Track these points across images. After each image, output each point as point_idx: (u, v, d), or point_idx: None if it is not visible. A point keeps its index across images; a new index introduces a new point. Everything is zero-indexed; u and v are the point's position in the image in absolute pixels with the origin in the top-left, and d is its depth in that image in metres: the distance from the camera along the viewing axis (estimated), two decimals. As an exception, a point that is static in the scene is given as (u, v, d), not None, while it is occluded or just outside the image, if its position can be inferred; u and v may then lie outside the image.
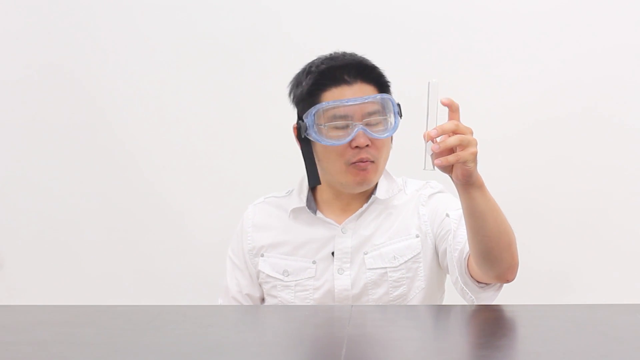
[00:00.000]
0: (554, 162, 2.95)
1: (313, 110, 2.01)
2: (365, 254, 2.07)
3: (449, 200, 2.08)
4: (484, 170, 1.75)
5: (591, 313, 1.71)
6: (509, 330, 1.55)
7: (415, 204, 2.10)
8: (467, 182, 1.73)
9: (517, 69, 2.95)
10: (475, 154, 1.70)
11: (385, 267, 2.07)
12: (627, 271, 2.95)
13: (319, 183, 2.08)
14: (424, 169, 1.71)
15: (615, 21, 2.93)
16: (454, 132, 1.69)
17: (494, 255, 1.79)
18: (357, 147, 2.01)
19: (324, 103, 2.00)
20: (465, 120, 3.15)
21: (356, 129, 1.99)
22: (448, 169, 1.73)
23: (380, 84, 2.06)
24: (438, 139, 1.69)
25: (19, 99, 3.06)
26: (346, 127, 2.00)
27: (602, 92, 2.94)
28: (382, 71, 2.08)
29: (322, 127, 2.01)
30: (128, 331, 1.56)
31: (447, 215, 2.01)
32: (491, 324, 1.61)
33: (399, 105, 2.05)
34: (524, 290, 2.93)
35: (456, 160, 1.69)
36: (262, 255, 2.13)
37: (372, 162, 2.03)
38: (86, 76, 3.03)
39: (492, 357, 1.35)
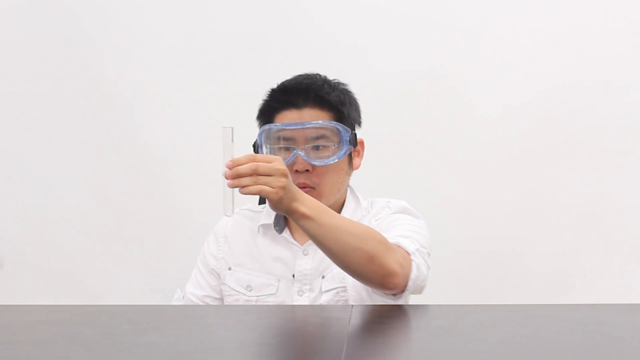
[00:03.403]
0: (553, 161, 2.95)
1: (261, 130, 2.06)
2: (323, 277, 2.07)
3: (395, 220, 2.03)
4: (483, 170, 1.74)
5: (591, 313, 1.71)
6: (509, 330, 1.55)
7: (368, 220, 2.09)
8: (287, 213, 1.73)
9: (517, 70, 2.95)
10: (282, 186, 1.69)
11: (337, 287, 2.06)
12: (627, 271, 2.95)
13: (264, 202, 2.08)
14: (225, 214, 1.72)
15: (615, 22, 2.93)
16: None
17: (354, 270, 1.79)
18: (297, 171, 2.02)
19: (267, 125, 2.05)
20: (465, 120, 3.15)
21: (294, 153, 2.01)
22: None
23: (339, 111, 2.05)
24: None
25: (19, 99, 3.06)
26: (289, 150, 2.02)
27: (602, 92, 2.94)
28: (340, 98, 2.06)
29: (269, 147, 2.04)
30: (128, 331, 1.55)
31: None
32: (491, 323, 1.61)
33: (354, 134, 2.05)
34: (524, 290, 2.93)
35: (257, 190, 1.68)
36: (230, 269, 2.15)
37: (313, 188, 2.02)
38: (86, 76, 3.03)
39: (491, 357, 1.35)
